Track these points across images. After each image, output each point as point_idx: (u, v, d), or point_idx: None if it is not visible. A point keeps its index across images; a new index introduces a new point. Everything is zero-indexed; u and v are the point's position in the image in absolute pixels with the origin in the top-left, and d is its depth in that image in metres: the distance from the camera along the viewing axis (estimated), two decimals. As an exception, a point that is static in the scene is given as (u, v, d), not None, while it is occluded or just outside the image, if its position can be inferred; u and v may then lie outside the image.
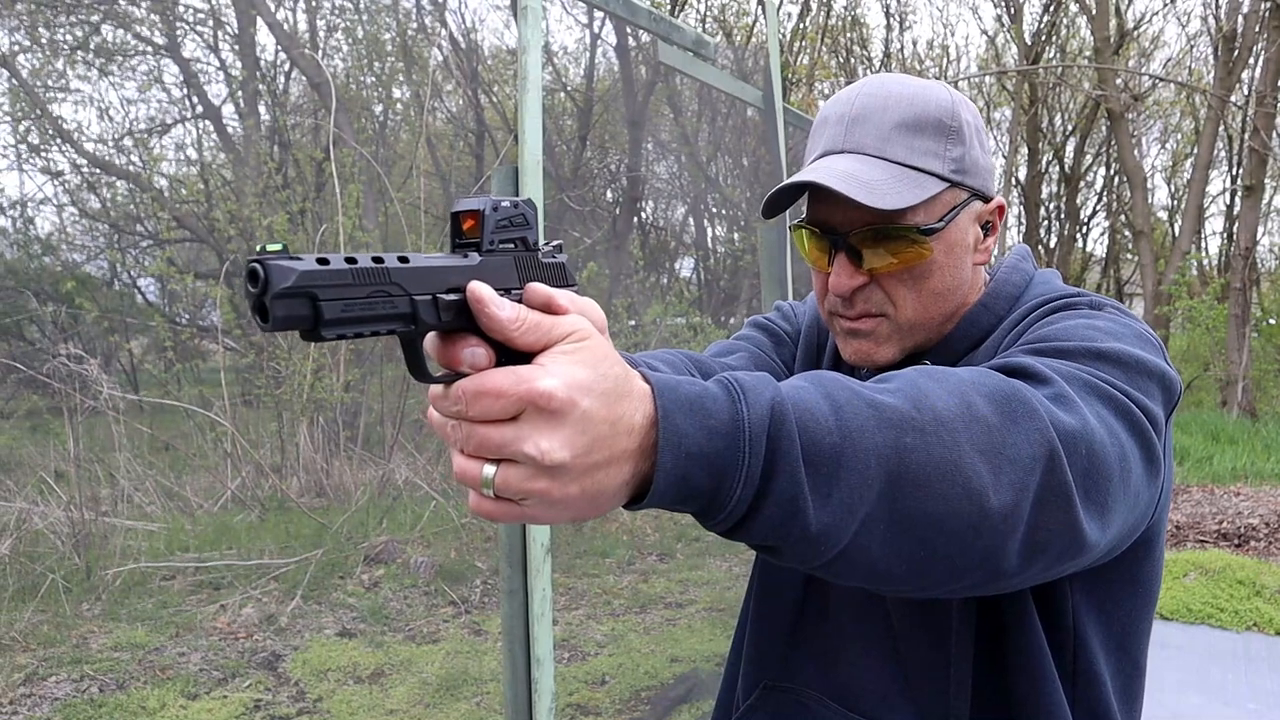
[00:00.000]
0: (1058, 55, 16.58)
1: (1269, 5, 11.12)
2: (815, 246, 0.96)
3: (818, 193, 0.92)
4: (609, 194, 10.15)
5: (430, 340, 0.58)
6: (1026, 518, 0.65)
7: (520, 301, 0.59)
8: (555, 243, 0.67)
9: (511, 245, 0.62)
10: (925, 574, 0.65)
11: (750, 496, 0.57)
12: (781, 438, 0.58)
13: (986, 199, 0.96)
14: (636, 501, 0.59)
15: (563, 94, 10.46)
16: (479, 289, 0.55)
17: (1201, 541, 5.83)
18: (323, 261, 0.51)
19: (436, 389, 0.57)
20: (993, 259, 1.03)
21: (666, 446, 0.56)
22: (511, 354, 0.56)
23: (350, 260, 0.52)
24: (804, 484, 0.58)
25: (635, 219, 9.64)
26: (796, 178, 0.90)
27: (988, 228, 0.97)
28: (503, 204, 0.62)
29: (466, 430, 0.54)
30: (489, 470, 0.54)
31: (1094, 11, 13.25)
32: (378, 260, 0.54)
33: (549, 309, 0.58)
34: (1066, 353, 0.78)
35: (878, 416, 0.62)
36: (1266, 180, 13.39)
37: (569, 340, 0.56)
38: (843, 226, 0.92)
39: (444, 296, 0.56)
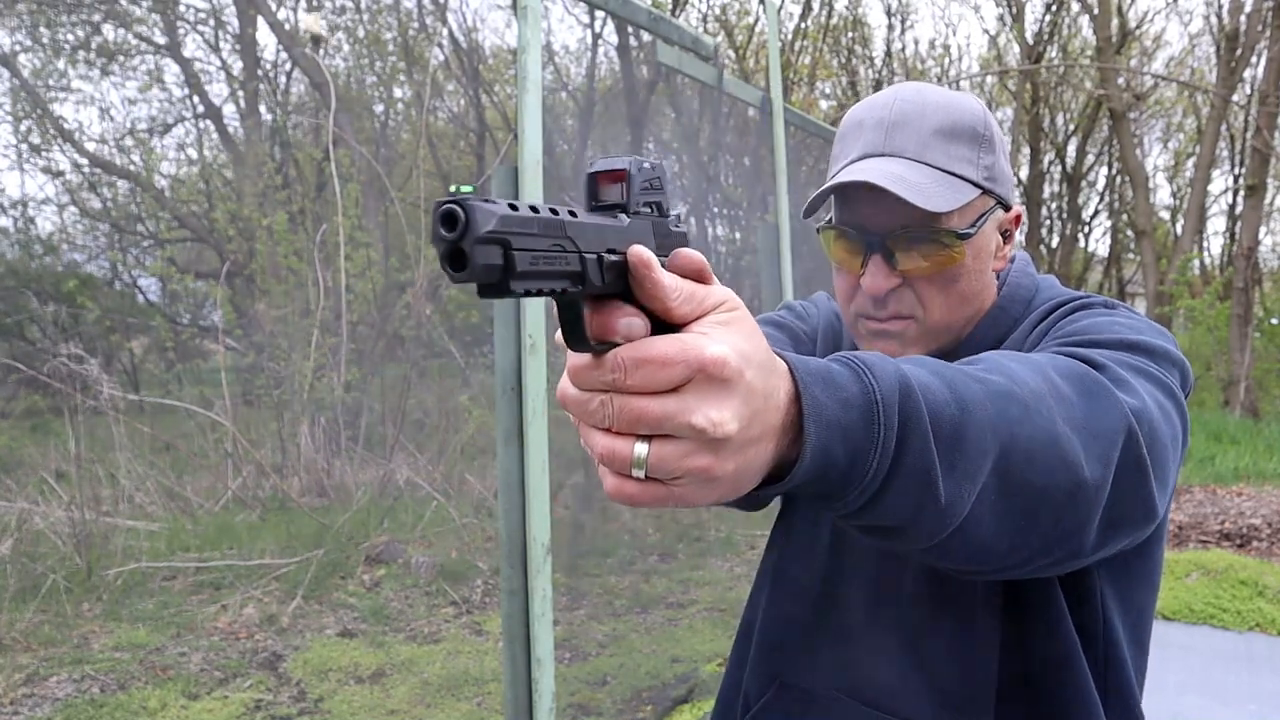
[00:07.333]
0: (1060, 55, 16.56)
1: (1271, 4, 11.10)
2: (846, 248, 0.96)
3: (852, 194, 0.92)
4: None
5: None
6: (1109, 490, 0.67)
7: None
8: (677, 212, 0.63)
9: (648, 210, 0.59)
10: (1022, 548, 0.66)
11: (886, 469, 0.57)
12: (911, 409, 0.58)
13: (1008, 207, 0.98)
14: (770, 483, 0.57)
15: (564, 94, 10.45)
16: (643, 253, 0.51)
17: (1204, 542, 5.82)
18: (513, 207, 0.46)
19: (581, 360, 0.51)
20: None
21: (811, 417, 0.54)
22: (659, 323, 0.53)
23: (533, 209, 0.47)
24: (934, 455, 0.58)
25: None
26: (848, 177, 0.90)
27: (1006, 235, 1.00)
28: (644, 165, 0.58)
29: (619, 404, 0.50)
30: (641, 449, 0.50)
31: (1096, 11, 13.24)
32: (554, 211, 0.49)
33: (700, 278, 0.55)
34: (1101, 344, 0.81)
35: (986, 390, 0.63)
36: (1269, 180, 13.36)
37: (721, 310, 0.53)
38: (879, 229, 0.92)
39: (607, 256, 0.52)
